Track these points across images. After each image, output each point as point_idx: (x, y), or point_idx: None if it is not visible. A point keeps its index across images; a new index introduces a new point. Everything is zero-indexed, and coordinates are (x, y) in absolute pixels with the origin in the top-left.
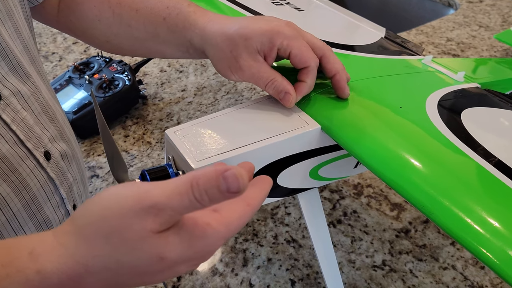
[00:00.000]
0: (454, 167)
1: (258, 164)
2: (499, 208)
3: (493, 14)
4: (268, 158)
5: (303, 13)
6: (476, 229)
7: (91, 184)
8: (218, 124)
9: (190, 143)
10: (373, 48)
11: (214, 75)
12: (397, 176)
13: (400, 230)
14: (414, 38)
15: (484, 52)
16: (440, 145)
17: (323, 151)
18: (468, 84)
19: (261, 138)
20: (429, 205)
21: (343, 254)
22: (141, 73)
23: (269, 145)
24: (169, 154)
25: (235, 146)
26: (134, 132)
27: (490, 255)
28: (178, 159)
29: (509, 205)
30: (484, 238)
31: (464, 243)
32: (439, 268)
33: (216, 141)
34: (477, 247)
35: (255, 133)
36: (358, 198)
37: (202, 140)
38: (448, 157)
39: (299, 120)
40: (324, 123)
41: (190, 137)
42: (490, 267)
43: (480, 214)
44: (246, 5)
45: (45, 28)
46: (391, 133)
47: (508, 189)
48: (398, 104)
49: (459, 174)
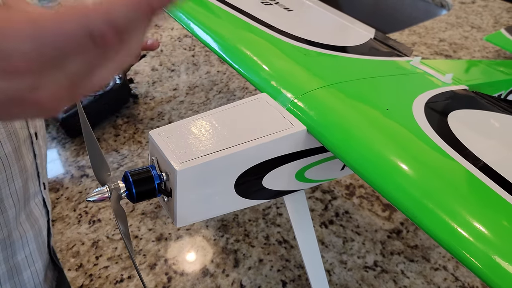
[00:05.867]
0: (438, 170)
1: (243, 166)
2: (483, 211)
3: (485, 15)
4: (253, 160)
5: (292, 13)
6: (459, 232)
7: (81, 183)
8: (203, 125)
9: (174, 145)
10: (361, 49)
11: (206, 74)
12: (380, 179)
13: (392, 230)
14: (407, 38)
15: (476, 53)
16: (425, 147)
17: (310, 153)
18: (456, 86)
19: (246, 139)
20: (413, 208)
21: (334, 255)
22: (132, 72)
23: (254, 147)
24: (153, 156)
25: (220, 148)
26: (125, 132)
27: (473, 259)
28: (161, 161)
29: (494, 209)
30: (467, 242)
31: (447, 247)
32: (431, 269)
33: (201, 142)
34: (460, 251)
35: (240, 134)
36: (350, 198)
37: (186, 142)
38: (433, 159)
39: (284, 121)
40: (310, 125)
41: (174, 139)
42: (474, 272)
43: (464, 217)
44: (236, 5)
45: None
46: (376, 135)
47: (493, 193)
48: (385, 106)
49: (444, 176)
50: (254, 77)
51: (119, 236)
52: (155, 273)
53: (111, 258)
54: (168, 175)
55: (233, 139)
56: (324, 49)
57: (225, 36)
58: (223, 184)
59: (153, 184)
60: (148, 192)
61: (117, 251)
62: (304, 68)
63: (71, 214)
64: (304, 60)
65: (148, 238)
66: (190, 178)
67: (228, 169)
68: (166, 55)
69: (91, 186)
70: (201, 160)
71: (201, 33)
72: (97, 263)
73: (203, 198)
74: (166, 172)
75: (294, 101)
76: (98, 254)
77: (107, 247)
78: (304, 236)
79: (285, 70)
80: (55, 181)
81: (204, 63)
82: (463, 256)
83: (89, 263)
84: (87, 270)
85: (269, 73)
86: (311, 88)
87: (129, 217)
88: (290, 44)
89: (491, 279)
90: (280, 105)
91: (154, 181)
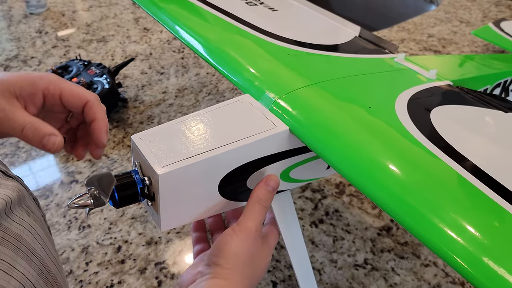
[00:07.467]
0: (419, 167)
1: (226, 168)
2: (465, 208)
3: (473, 10)
4: (236, 162)
5: (277, 13)
6: (442, 230)
7: (71, 189)
8: (185, 128)
9: (156, 148)
10: (346, 48)
11: (196, 76)
12: (362, 177)
13: (381, 228)
14: (396, 35)
15: (465, 47)
16: (407, 144)
17: (294, 152)
18: (440, 82)
19: (229, 141)
20: (394, 206)
21: (325, 254)
22: (121, 76)
23: (236, 149)
24: (135, 160)
25: (202, 151)
26: (115, 136)
27: (456, 257)
28: (144, 165)
29: (476, 206)
30: (450, 239)
31: (428, 245)
32: (421, 265)
33: (183, 145)
34: (442, 248)
35: (223, 136)
36: (340, 197)
37: (168, 145)
38: (413, 155)
39: (267, 122)
40: (293, 125)
41: (156, 142)
42: (457, 270)
43: (446, 215)
44: (220, 6)
45: (23, 32)
46: (357, 133)
47: (474, 188)
48: (368, 104)
49: (425, 173)
50: (238, 79)
51: (109, 241)
52: (145, 277)
53: (101, 263)
54: (151, 179)
55: (215, 141)
56: (308, 49)
57: (209, 38)
58: (207, 187)
59: (136, 188)
60: (131, 197)
61: (107, 256)
62: (288, 67)
63: (61, 220)
64: (287, 60)
65: (138, 243)
66: (172, 182)
67: (211, 172)
68: (155, 58)
69: (81, 191)
70: (183, 164)
71: (186, 36)
72: (87, 269)
73: (186, 201)
74: (149, 177)
75: (277, 101)
76: (88, 260)
77: (97, 253)
78: (291, 236)
79: (269, 70)
80: (45, 188)
81: (194, 65)
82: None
83: (79, 269)
84: (77, 276)
85: (253, 74)
86: (294, 88)
87: (119, 222)
88: (273, 44)
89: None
90: (263, 106)
91: (136, 186)
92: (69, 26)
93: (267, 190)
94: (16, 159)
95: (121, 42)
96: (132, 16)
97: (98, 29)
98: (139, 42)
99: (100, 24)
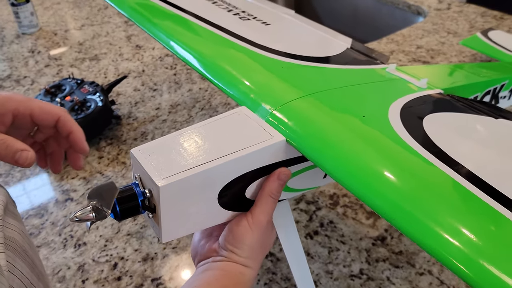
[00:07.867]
0: (414, 173)
1: (225, 179)
2: (460, 211)
3: (460, 21)
4: (235, 173)
5: (270, 27)
6: (438, 233)
7: (66, 207)
8: (183, 141)
9: (156, 161)
10: (338, 59)
11: (188, 92)
12: (358, 185)
13: (376, 238)
14: (385, 46)
15: (453, 57)
16: (401, 151)
17: (290, 162)
18: (431, 91)
19: (227, 152)
20: (391, 212)
21: (320, 265)
22: (114, 93)
23: (235, 159)
24: (136, 173)
25: (201, 162)
26: (109, 153)
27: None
28: (144, 178)
29: (470, 209)
30: (446, 242)
31: (425, 248)
32: (416, 274)
33: (182, 158)
34: (439, 251)
35: (221, 148)
36: (334, 208)
37: (167, 158)
38: (408, 163)
39: (264, 133)
40: (289, 135)
41: (156, 155)
42: (454, 271)
43: (442, 219)
44: (214, 21)
45: (16, 52)
46: (352, 142)
47: (469, 194)
48: (362, 113)
49: (420, 179)
50: (234, 92)
51: (105, 258)
52: None
53: (98, 281)
54: (151, 192)
55: (213, 153)
56: (302, 61)
57: (204, 53)
58: (206, 198)
59: (137, 201)
60: (132, 209)
61: (103, 273)
62: (282, 80)
63: (56, 239)
64: (281, 72)
65: (134, 259)
66: (172, 193)
67: (211, 183)
68: (148, 74)
69: (76, 209)
70: (182, 175)
71: (181, 51)
72: (83, 287)
73: (186, 212)
74: (149, 189)
75: (273, 112)
76: (85, 278)
77: (93, 270)
78: (291, 246)
79: (264, 83)
80: (39, 207)
81: (186, 81)
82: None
83: (75, 287)
84: None
85: (248, 86)
86: (289, 99)
87: (115, 238)
88: (268, 57)
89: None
90: (260, 117)
91: (137, 198)
92: (62, 45)
93: (279, 184)
94: (11, 178)
95: (114, 60)
96: (124, 34)
97: (90, 48)
98: (131, 60)
99: (93, 43)
